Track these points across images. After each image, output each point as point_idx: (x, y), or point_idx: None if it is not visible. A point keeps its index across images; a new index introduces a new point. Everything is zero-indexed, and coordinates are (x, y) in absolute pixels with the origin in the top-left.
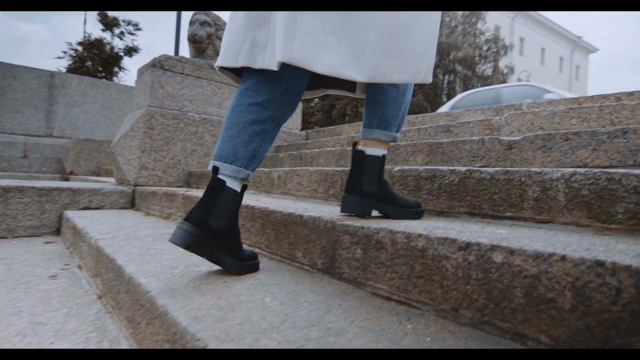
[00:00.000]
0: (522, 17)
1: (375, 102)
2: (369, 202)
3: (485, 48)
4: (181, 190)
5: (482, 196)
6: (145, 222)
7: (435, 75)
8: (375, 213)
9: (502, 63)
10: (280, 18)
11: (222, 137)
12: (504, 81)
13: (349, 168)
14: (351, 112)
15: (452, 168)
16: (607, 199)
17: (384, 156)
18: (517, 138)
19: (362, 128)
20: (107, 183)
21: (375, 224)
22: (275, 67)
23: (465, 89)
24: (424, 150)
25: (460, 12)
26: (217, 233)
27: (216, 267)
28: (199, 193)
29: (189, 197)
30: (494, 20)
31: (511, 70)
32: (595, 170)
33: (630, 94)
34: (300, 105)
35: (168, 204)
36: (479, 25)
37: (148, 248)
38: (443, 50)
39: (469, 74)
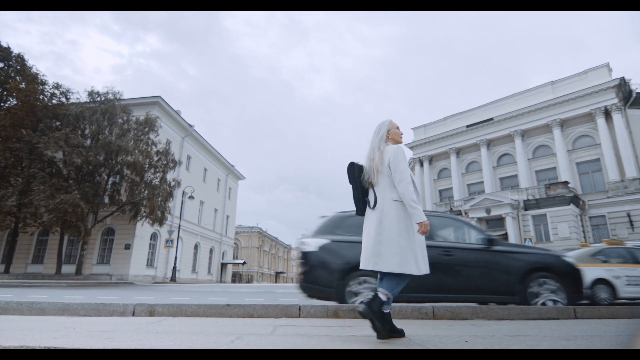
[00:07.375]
0: (190, 138)
1: None
2: None
3: (155, 158)
4: None
5: None
6: None
7: (99, 174)
8: None
9: (170, 175)
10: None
11: None
12: (171, 193)
13: None
14: None
15: None
16: None
17: None
18: None
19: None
20: None
21: None
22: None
23: (132, 193)
24: None
25: (134, 118)
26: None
27: None
28: None
29: None
30: (166, 135)
31: (178, 183)
32: None
33: None
34: None
35: None
36: (151, 136)
37: None
38: (112, 151)
39: (137, 180)
